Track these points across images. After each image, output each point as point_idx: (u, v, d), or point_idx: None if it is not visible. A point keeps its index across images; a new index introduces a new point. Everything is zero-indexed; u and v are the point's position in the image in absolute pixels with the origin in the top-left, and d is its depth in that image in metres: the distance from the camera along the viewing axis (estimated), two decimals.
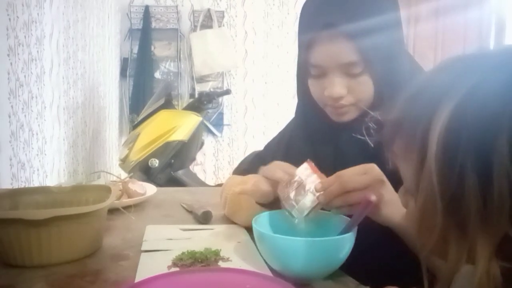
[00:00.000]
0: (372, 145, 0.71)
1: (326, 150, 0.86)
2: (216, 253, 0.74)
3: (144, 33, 3.39)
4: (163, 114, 2.43)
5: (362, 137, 0.74)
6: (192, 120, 2.47)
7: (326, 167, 0.83)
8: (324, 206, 0.71)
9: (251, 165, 1.03)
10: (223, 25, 3.53)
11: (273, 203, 0.83)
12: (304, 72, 0.83)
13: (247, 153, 3.33)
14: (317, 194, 0.70)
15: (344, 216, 0.72)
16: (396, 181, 0.56)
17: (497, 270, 0.38)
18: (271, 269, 0.69)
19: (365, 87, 0.79)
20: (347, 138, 0.82)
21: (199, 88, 3.50)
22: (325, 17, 0.76)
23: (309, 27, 0.80)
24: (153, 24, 3.43)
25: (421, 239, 0.47)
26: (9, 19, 1.19)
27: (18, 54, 1.25)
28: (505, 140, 0.37)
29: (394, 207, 0.68)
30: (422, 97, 0.45)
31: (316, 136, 0.88)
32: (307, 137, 0.90)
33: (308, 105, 0.87)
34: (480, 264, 0.39)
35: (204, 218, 0.95)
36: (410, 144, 0.44)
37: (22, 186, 1.26)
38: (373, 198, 0.64)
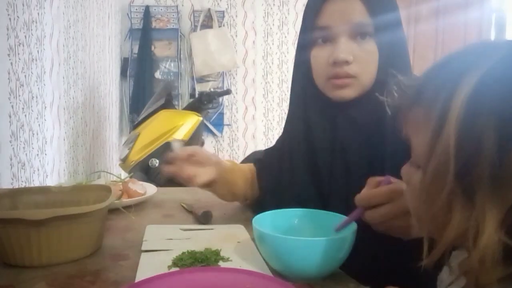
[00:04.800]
0: (389, 112, 0.70)
1: (323, 133, 0.85)
2: (216, 253, 0.74)
3: (144, 33, 3.39)
4: (163, 114, 2.43)
5: (382, 98, 0.73)
6: (192, 120, 2.47)
7: (323, 151, 0.83)
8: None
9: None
10: (223, 25, 3.53)
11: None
12: (308, 43, 0.83)
13: (247, 153, 3.33)
14: None
15: (345, 216, 0.72)
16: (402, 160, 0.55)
17: (500, 243, 0.39)
18: (271, 269, 0.69)
19: (371, 57, 0.79)
20: (344, 120, 0.82)
21: (199, 88, 3.50)
22: None
23: None
24: (153, 24, 3.43)
25: (425, 209, 0.47)
26: (10, 19, 1.19)
27: (18, 54, 1.25)
28: None
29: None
30: (450, 65, 0.47)
31: (314, 118, 0.86)
32: (304, 119, 0.87)
33: (308, 86, 0.86)
34: (486, 232, 0.40)
35: (204, 218, 0.95)
36: (430, 110, 0.45)
37: (22, 186, 1.26)
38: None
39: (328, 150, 0.84)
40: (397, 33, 0.81)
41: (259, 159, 1.05)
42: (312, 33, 0.82)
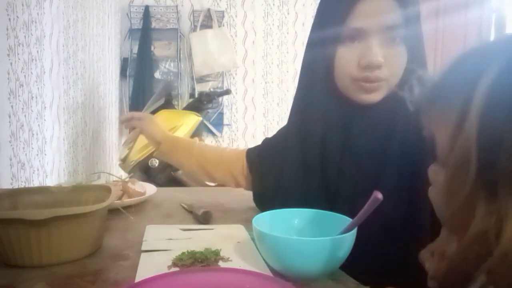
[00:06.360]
0: (411, 109, 0.70)
1: (336, 132, 0.83)
2: (216, 253, 0.74)
3: (144, 33, 3.39)
4: (163, 114, 2.43)
5: (402, 94, 0.72)
6: (192, 120, 2.47)
7: (335, 150, 0.82)
8: None
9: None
10: (223, 25, 3.53)
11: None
12: (333, 42, 0.80)
13: None
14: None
15: (345, 216, 0.72)
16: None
17: None
18: (271, 269, 0.69)
19: (401, 60, 0.78)
20: (361, 121, 0.80)
21: (199, 88, 3.50)
22: None
23: None
24: (153, 24, 3.43)
25: (447, 205, 0.46)
26: (9, 19, 1.18)
27: (18, 54, 1.25)
28: None
29: None
30: (469, 61, 0.46)
31: (330, 120, 0.83)
32: (317, 120, 0.85)
33: (324, 84, 0.82)
34: (510, 226, 0.39)
35: (204, 218, 0.95)
36: (451, 105, 0.45)
37: (22, 186, 1.26)
38: (380, 196, 0.64)
39: (340, 150, 0.82)
40: (420, 32, 0.80)
41: (254, 162, 1.05)
42: (340, 32, 0.78)
